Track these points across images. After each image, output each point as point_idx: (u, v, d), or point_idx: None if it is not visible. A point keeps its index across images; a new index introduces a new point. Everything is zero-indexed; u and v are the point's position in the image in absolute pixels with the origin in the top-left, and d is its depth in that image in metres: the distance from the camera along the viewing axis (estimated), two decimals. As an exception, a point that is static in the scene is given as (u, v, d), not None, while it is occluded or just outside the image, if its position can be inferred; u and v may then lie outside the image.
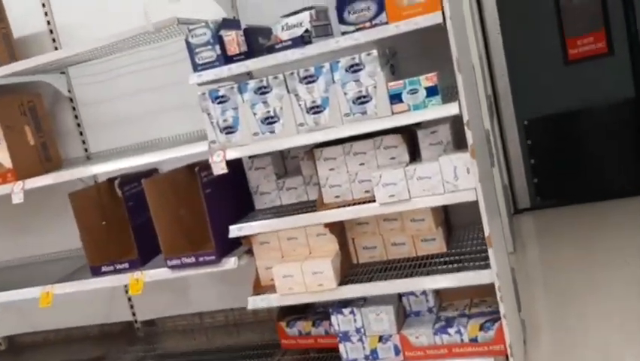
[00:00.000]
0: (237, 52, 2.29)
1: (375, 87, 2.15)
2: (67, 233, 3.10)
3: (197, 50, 2.31)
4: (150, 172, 2.88)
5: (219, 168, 2.35)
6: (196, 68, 2.33)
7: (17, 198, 2.62)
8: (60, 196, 2.79)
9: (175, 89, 2.98)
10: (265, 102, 2.30)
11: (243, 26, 2.39)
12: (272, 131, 2.31)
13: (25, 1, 3.08)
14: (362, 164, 2.38)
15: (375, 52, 2.13)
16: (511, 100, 4.58)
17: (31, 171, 2.81)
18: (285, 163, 2.77)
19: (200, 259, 2.49)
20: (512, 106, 4.60)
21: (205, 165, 2.43)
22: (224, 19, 2.36)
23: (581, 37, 4.38)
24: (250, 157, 2.64)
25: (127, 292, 3.34)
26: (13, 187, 2.65)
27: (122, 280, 2.65)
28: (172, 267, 2.54)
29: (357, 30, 2.15)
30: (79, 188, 2.80)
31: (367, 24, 2.14)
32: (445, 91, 2.22)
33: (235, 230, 2.46)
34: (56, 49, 3.08)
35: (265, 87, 2.29)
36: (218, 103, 2.35)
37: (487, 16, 4.45)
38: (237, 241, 2.55)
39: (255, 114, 2.31)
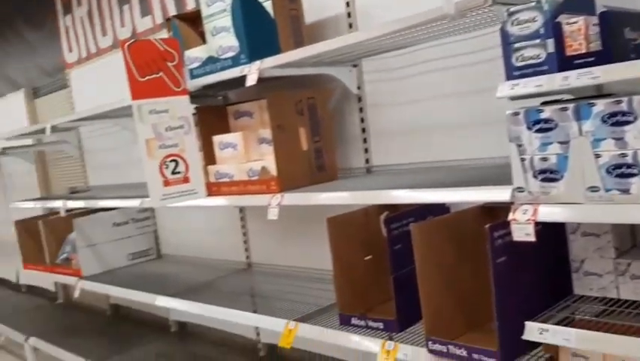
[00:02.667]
0: (583, 51, 1.38)
1: None
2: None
3: (516, 46, 1.47)
4: (431, 208, 2.15)
5: (522, 233, 1.49)
6: (511, 73, 1.49)
7: (272, 215, 2.20)
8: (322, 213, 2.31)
9: (485, 96, 2.18)
10: (620, 139, 1.34)
11: (599, 8, 1.46)
12: (625, 190, 1.34)
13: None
14: None
15: None
16: None
17: (298, 182, 2.37)
18: (635, 231, 1.74)
19: (475, 356, 1.68)
20: None
21: (501, 223, 1.60)
22: (568, -3, 1.47)
23: None
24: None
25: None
26: (271, 200, 2.24)
27: (371, 344, 2.01)
28: (433, 352, 1.79)
29: None
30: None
31: None
32: None
33: (534, 331, 1.57)
34: (351, 37, 2.57)
35: (625, 113, 1.32)
36: (538, 131, 1.48)
37: None
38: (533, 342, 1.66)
39: (598, 156, 1.37)
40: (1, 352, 4.96)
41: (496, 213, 1.94)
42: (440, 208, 2.23)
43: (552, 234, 1.74)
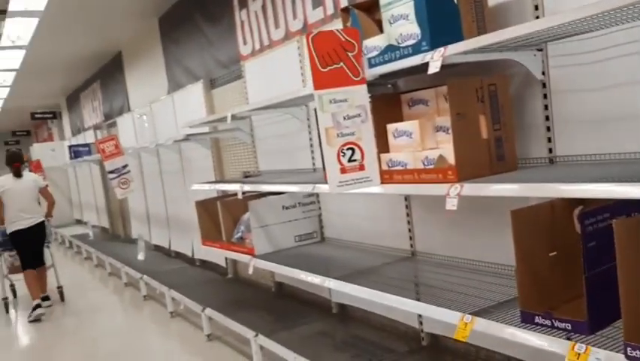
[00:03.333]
0: None
1: None
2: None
3: None
4: (628, 204, 1.97)
5: None
6: None
7: (450, 205, 2.17)
8: (499, 205, 2.23)
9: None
10: None
11: None
12: None
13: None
14: None
15: None
16: None
17: (477, 171, 2.31)
18: None
19: (686, 368, 1.52)
20: None
21: None
22: None
23: None
24: None
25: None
26: (450, 190, 2.20)
27: (556, 345, 1.91)
28: (632, 359, 1.65)
29: None
30: (525, 203, 2.15)
31: None
32: None
33: None
34: (537, 19, 2.43)
35: None
36: None
37: None
38: None
39: None
40: (178, 319, 5.48)
41: None
42: (636, 205, 2.05)
43: None
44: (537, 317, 2.02)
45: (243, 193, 4.07)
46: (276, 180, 3.84)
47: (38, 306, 6.21)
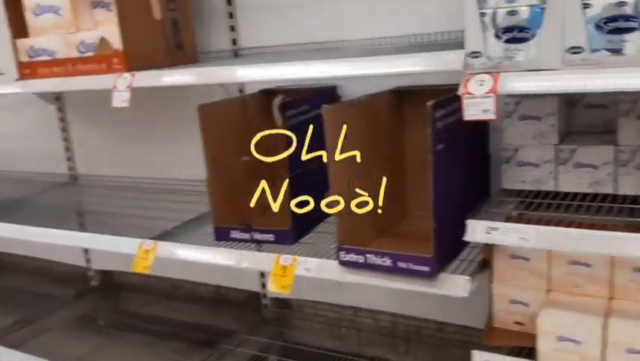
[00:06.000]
0: None
1: None
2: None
3: None
4: (323, 93, 1.77)
5: (478, 110, 1.17)
6: None
7: (120, 100, 1.63)
8: (186, 104, 1.80)
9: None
10: (616, -16, 1.05)
11: None
12: (616, 50, 1.07)
13: None
14: None
15: None
16: None
17: (151, 60, 1.80)
18: (574, 113, 1.54)
19: (402, 265, 1.37)
20: None
21: (446, 100, 1.26)
22: None
23: None
24: (515, 96, 1.44)
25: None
26: (117, 81, 1.66)
27: (259, 260, 1.62)
28: (346, 264, 1.45)
29: None
30: (215, 98, 1.77)
31: None
32: None
33: (479, 230, 1.30)
34: None
35: (627, -51, 1.03)
36: (507, -25, 1.14)
37: None
38: (462, 242, 1.39)
39: (586, 6, 1.08)
40: None
41: (409, 98, 1.64)
42: (330, 95, 1.87)
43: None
44: (234, 232, 1.69)
45: None
46: None
47: None
